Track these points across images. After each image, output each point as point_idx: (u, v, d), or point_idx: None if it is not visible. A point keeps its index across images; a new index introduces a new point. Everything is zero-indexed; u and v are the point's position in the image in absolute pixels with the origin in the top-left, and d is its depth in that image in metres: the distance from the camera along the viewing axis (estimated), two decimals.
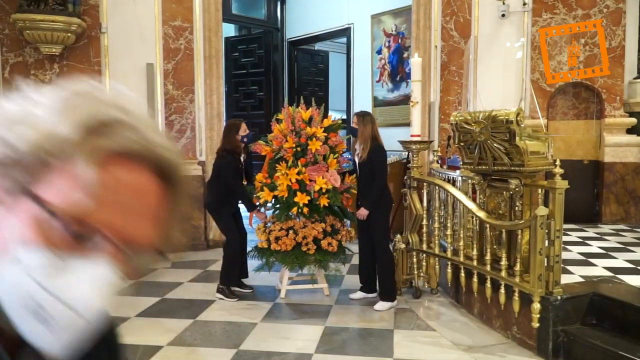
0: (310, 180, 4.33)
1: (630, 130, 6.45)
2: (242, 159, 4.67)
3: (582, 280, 3.90)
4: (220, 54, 6.74)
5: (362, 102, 9.13)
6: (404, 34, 8.36)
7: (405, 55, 8.37)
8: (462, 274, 4.10)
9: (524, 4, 6.18)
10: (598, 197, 6.64)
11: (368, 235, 4.37)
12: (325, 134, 4.44)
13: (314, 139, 4.38)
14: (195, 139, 6.58)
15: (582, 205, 6.47)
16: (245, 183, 4.72)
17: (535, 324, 3.33)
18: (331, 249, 4.38)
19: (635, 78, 6.45)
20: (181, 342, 3.63)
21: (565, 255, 3.70)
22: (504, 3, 6.13)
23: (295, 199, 4.31)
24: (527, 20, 6.28)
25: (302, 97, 4.76)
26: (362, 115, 4.36)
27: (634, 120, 6.37)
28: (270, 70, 10.25)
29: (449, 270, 4.32)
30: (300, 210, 4.32)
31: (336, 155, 4.50)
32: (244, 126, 4.66)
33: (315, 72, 10.70)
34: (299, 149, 4.43)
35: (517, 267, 3.48)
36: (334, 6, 9.49)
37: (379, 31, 8.83)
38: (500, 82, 6.41)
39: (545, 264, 3.31)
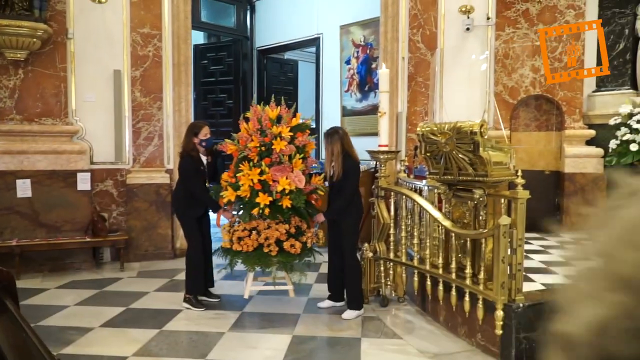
0: (274, 181, 4.23)
1: (589, 142, 6.69)
2: (204, 160, 4.59)
3: (543, 287, 4.01)
4: (189, 61, 6.70)
5: (331, 111, 9.22)
6: (373, 44, 8.49)
7: (373, 65, 8.49)
8: (429, 282, 4.17)
9: (488, 18, 6.37)
10: (559, 207, 6.86)
11: (338, 244, 4.39)
12: (292, 134, 4.34)
13: (278, 138, 4.29)
14: (162, 146, 6.50)
15: (543, 215, 6.66)
16: (210, 185, 4.64)
17: (499, 331, 3.41)
18: (294, 250, 4.28)
19: (594, 91, 6.71)
20: (147, 353, 3.57)
21: (526, 263, 3.81)
22: (468, 17, 6.30)
23: (257, 200, 4.21)
24: (490, 34, 6.47)
25: (273, 97, 4.76)
26: (329, 134, 4.33)
27: (592, 132, 6.61)
28: (240, 79, 10.23)
29: (416, 278, 4.39)
30: (261, 212, 4.24)
31: (302, 155, 4.39)
32: (205, 130, 4.54)
33: (284, 81, 10.74)
34: (263, 148, 4.34)
35: (481, 275, 3.56)
36: (304, 16, 9.57)
37: (348, 41, 8.95)
38: (465, 94, 6.57)
39: (508, 272, 3.40)
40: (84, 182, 5.99)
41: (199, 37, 10.35)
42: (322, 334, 3.98)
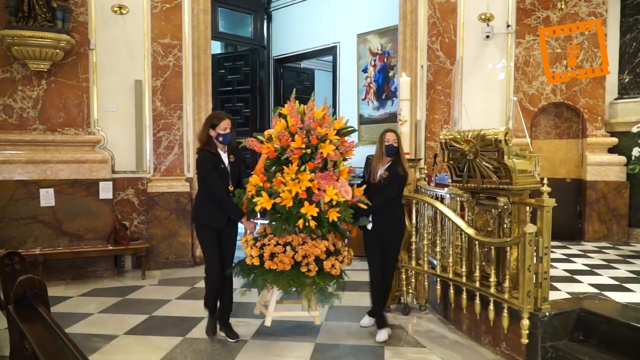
0: (319, 190, 3.68)
1: (611, 150, 6.62)
2: (225, 159, 3.86)
3: (568, 296, 3.96)
4: (208, 71, 6.77)
5: (348, 119, 9.21)
6: (390, 53, 8.50)
7: (390, 74, 8.50)
8: (452, 291, 4.13)
9: (508, 25, 6.35)
10: (581, 215, 6.77)
11: (380, 257, 4.07)
12: (338, 137, 3.84)
13: (327, 141, 3.74)
14: (183, 155, 6.56)
15: (565, 223, 6.58)
16: (232, 188, 3.85)
17: (525, 340, 3.37)
18: (334, 271, 3.76)
19: (616, 99, 6.64)
20: None
21: (551, 272, 3.76)
22: (488, 25, 6.28)
23: (302, 210, 3.63)
24: (510, 42, 6.45)
25: (293, 92, 4.22)
26: (392, 131, 4.03)
27: (615, 139, 6.54)
28: (256, 88, 10.31)
29: (438, 287, 4.35)
30: (307, 224, 3.68)
31: (347, 163, 3.93)
32: (225, 123, 3.80)
33: (301, 90, 10.78)
34: (308, 150, 3.76)
35: (506, 284, 3.52)
36: (320, 25, 9.62)
37: (365, 50, 8.97)
38: (485, 102, 6.55)
39: (534, 281, 3.37)
40: (106, 191, 6.07)
41: (216, 47, 10.46)
42: (345, 342, 3.96)
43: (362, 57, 9.05)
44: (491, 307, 3.67)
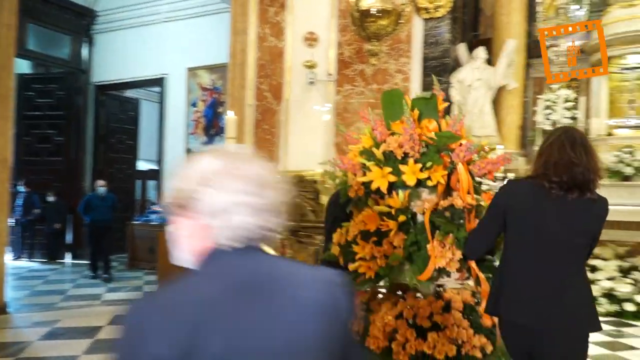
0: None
1: None
2: None
3: None
4: (10, 92, 5.96)
5: (175, 153, 8.93)
6: (220, 89, 8.53)
7: (220, 110, 8.51)
8: None
9: (329, 74, 6.84)
10: None
11: None
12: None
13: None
14: None
15: None
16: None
17: None
18: None
19: None
20: None
21: None
22: (312, 72, 6.69)
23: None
24: (332, 89, 6.94)
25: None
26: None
27: None
28: (72, 114, 9.46)
29: None
30: None
31: None
32: None
33: (125, 120, 10.18)
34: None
35: None
36: (148, 55, 9.27)
37: (195, 84, 8.87)
38: (308, 143, 6.88)
39: None
40: None
41: (22, 66, 9.34)
42: None
43: (192, 91, 8.93)
44: None
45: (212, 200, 0.95)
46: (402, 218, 2.14)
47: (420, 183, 2.14)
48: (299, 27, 6.78)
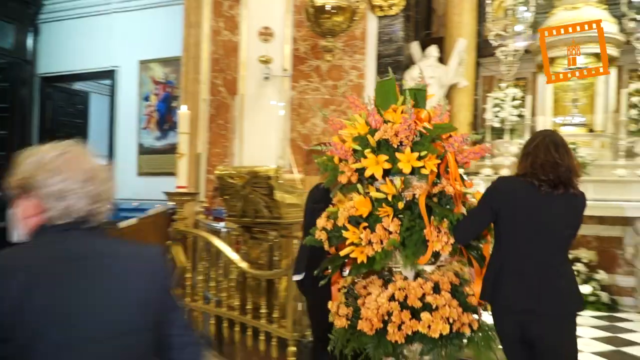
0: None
1: None
2: None
3: None
4: None
5: (127, 148, 8.71)
6: (174, 83, 8.36)
7: (174, 104, 8.34)
8: (225, 325, 4.13)
9: (285, 70, 6.83)
10: None
11: None
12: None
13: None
14: None
15: None
16: None
17: None
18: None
19: None
20: None
21: None
22: (267, 67, 6.66)
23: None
24: (287, 84, 6.93)
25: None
26: None
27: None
28: (16, 106, 9.07)
29: (212, 322, 4.31)
30: None
31: None
32: None
33: (73, 113, 9.83)
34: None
35: (275, 314, 3.67)
36: (98, 46, 8.97)
37: (147, 78, 8.66)
38: (263, 139, 6.86)
39: (299, 309, 3.58)
40: None
41: None
42: None
43: (144, 84, 8.70)
44: (262, 337, 3.77)
45: (48, 185, 1.15)
46: (400, 205, 2.22)
47: (413, 171, 2.22)
48: (253, 21, 6.74)
